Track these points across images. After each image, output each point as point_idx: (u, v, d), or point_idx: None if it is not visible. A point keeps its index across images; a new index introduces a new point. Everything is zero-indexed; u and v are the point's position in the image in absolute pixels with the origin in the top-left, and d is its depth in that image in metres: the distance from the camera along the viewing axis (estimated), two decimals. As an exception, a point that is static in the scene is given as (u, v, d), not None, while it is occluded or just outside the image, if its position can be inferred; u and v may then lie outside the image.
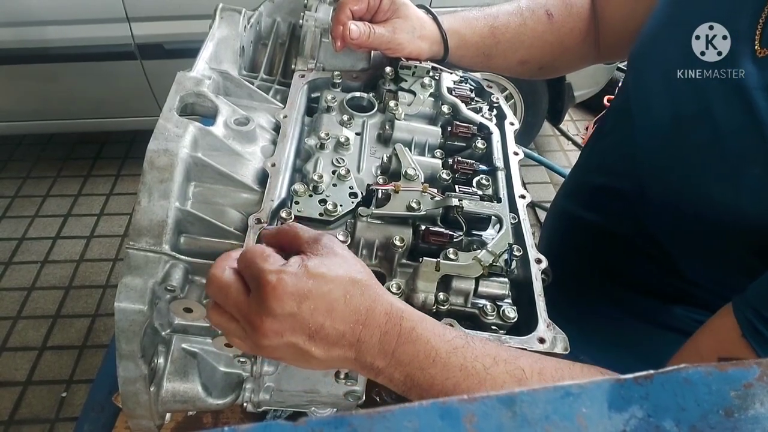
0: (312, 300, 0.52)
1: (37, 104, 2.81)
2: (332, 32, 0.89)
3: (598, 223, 0.95)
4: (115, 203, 3.06)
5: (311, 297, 0.52)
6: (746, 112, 0.69)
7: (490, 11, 1.00)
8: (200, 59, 0.84)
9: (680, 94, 0.77)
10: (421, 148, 0.85)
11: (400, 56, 0.93)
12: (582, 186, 1.03)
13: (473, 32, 0.98)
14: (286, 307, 0.51)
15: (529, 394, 0.29)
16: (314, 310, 0.52)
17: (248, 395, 0.79)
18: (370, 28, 0.88)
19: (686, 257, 0.81)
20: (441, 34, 0.94)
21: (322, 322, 0.52)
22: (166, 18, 2.50)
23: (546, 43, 1.01)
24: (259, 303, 0.52)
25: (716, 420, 0.29)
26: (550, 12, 1.00)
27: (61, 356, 2.36)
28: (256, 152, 0.77)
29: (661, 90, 0.81)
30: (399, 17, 0.92)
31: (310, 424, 0.27)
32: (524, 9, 1.00)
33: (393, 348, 0.54)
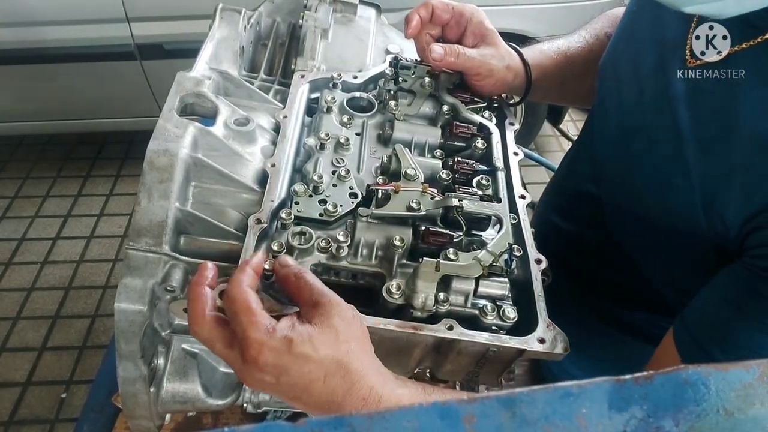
0: (290, 377, 0.53)
1: (37, 104, 2.81)
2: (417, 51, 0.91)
3: (569, 230, 0.97)
4: (114, 204, 3.06)
5: (290, 374, 0.53)
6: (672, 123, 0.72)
7: (559, 42, 1.01)
8: (200, 59, 0.84)
9: (627, 104, 0.81)
10: (421, 149, 0.85)
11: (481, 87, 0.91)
12: (558, 192, 1.05)
13: (550, 61, 0.98)
14: (265, 378, 0.53)
15: (529, 394, 0.29)
16: (292, 386, 0.54)
17: (248, 396, 0.79)
18: (459, 49, 0.87)
19: (647, 263, 0.83)
20: (524, 67, 0.93)
21: (298, 395, 0.55)
22: (166, 18, 2.49)
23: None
24: (241, 362, 0.54)
25: (716, 420, 0.29)
26: (609, 34, 1.00)
27: (60, 357, 2.36)
28: (256, 152, 0.77)
29: (615, 101, 0.84)
30: (488, 44, 0.90)
31: (309, 425, 0.27)
32: (588, 37, 1.01)
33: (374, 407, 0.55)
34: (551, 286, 0.70)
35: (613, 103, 0.84)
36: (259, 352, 0.52)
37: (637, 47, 0.80)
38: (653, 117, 0.76)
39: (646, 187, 0.77)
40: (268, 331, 0.53)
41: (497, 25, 0.93)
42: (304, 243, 0.67)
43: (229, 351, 0.55)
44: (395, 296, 0.65)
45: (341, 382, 0.54)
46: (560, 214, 1.00)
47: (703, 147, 0.69)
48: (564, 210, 1.00)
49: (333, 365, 0.54)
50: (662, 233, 0.74)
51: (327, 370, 0.54)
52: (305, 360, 0.53)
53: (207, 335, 0.55)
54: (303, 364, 0.53)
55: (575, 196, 0.97)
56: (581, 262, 0.95)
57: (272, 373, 0.53)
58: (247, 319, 0.53)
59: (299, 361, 0.53)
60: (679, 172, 0.70)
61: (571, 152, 1.07)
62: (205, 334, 0.56)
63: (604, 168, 0.87)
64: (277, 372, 0.53)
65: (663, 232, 0.74)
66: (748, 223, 0.64)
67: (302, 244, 0.67)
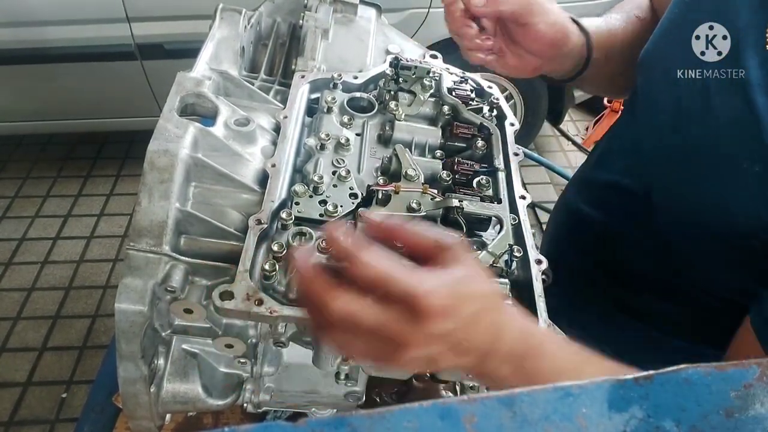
0: (457, 317, 0.51)
1: (37, 104, 2.81)
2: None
3: (603, 222, 0.94)
4: (115, 204, 3.06)
5: (456, 315, 0.51)
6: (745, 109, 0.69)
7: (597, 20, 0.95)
8: (200, 59, 0.84)
9: (682, 94, 0.77)
10: (421, 149, 0.85)
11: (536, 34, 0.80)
12: (589, 183, 1.02)
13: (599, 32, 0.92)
14: (439, 327, 0.50)
15: (529, 394, 0.29)
16: (460, 328, 0.52)
17: (248, 396, 0.79)
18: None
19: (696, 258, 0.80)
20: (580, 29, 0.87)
21: (464, 337, 0.52)
22: (166, 18, 2.50)
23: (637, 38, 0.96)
24: (407, 322, 0.49)
25: (716, 420, 0.29)
26: (638, 16, 0.97)
27: (61, 357, 2.36)
28: (257, 153, 0.77)
29: (664, 89, 0.80)
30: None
31: (310, 425, 0.27)
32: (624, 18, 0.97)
33: (520, 361, 0.55)
34: (575, 277, 0.69)
35: (666, 90, 0.80)
36: (433, 300, 0.49)
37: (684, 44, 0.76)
38: (721, 102, 0.71)
39: (708, 178, 0.73)
40: (428, 278, 0.50)
41: None
42: (305, 243, 0.67)
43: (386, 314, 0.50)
44: (395, 296, 0.65)
45: (497, 315, 0.55)
46: (591, 205, 0.97)
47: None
48: (594, 200, 0.97)
49: (490, 298, 0.55)
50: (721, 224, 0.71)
51: (484, 304, 0.54)
52: (468, 298, 0.52)
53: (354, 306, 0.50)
54: (467, 301, 0.52)
55: (610, 188, 0.93)
56: (614, 253, 0.93)
57: (446, 318, 0.50)
58: (402, 273, 0.50)
59: (463, 299, 0.51)
60: (758, 159, 0.67)
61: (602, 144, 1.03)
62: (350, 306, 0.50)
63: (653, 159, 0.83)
64: (445, 317, 0.50)
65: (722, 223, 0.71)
66: None
67: (303, 245, 0.67)
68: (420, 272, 0.51)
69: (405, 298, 0.49)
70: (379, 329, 0.50)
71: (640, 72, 0.88)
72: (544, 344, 0.57)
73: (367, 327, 0.50)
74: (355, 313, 0.50)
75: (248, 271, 0.63)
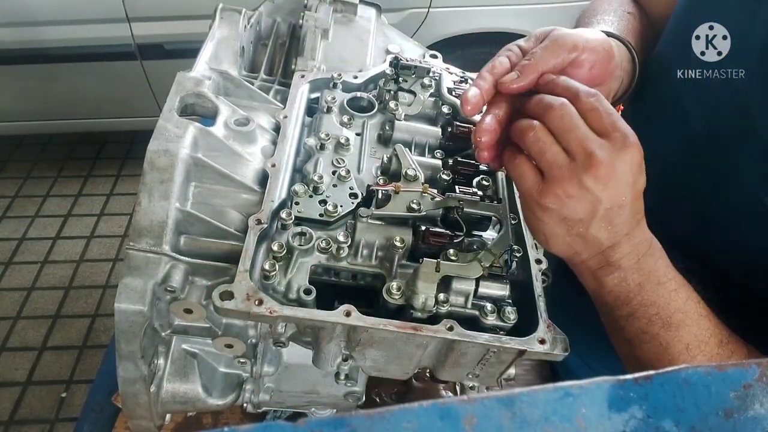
0: (617, 188, 0.56)
1: (37, 104, 2.81)
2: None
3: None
4: (115, 203, 3.06)
5: (617, 186, 0.56)
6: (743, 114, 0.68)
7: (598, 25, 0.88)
8: (200, 59, 0.84)
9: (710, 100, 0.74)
10: (422, 149, 0.85)
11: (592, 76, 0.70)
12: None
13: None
14: (596, 188, 0.56)
15: (529, 394, 0.29)
16: (612, 197, 0.56)
17: (248, 396, 0.79)
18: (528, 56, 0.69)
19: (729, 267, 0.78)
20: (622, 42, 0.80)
21: (611, 206, 0.57)
22: (166, 18, 2.49)
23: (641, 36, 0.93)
24: (578, 169, 0.56)
25: (716, 421, 0.29)
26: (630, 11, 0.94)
27: (60, 356, 2.36)
28: (257, 153, 0.77)
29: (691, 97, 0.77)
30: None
31: (309, 425, 0.27)
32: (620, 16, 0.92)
33: (642, 254, 0.61)
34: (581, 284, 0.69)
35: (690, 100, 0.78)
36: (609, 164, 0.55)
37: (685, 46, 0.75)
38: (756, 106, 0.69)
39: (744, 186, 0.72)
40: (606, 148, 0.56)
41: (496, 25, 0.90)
42: (305, 243, 0.67)
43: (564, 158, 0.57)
44: (395, 297, 0.65)
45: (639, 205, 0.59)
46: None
47: None
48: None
49: (641, 183, 0.58)
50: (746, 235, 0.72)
51: (638, 189, 0.58)
52: (628, 175, 0.57)
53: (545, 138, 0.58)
54: (628, 177, 0.57)
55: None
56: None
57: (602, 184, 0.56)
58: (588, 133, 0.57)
59: (624, 175, 0.57)
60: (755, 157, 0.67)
61: None
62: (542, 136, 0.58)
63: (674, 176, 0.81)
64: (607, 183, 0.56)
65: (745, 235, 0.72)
66: None
67: (302, 245, 0.67)
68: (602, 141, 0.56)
69: (583, 146, 0.56)
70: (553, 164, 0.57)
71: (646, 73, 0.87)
72: (660, 248, 0.63)
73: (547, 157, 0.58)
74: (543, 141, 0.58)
75: (248, 271, 0.63)
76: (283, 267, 0.66)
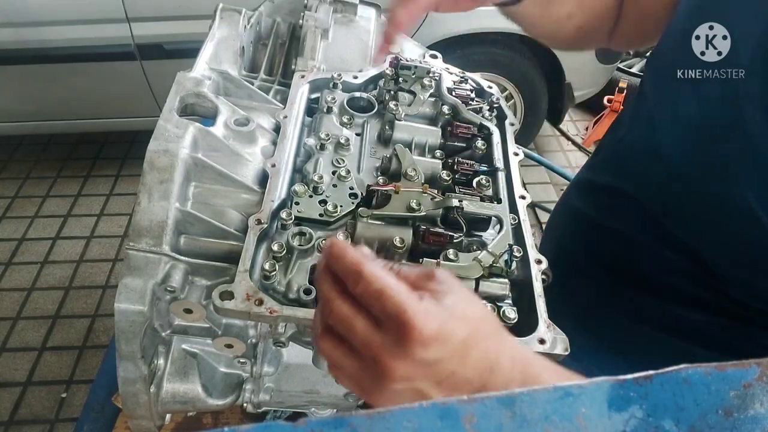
0: (452, 346, 0.47)
1: (37, 105, 2.81)
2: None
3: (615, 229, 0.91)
4: (115, 203, 3.06)
5: (452, 342, 0.47)
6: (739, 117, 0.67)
7: None
8: (200, 59, 0.84)
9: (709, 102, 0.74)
10: (421, 149, 0.85)
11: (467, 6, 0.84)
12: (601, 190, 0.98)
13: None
14: (429, 354, 0.46)
15: (529, 394, 0.29)
16: (451, 357, 0.47)
17: (248, 396, 0.79)
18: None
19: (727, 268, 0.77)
20: None
21: (455, 369, 0.48)
22: (166, 18, 2.50)
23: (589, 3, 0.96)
24: (396, 344, 0.46)
25: (715, 420, 0.29)
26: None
27: (61, 357, 2.36)
28: (256, 153, 0.77)
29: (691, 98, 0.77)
30: None
31: (309, 425, 0.27)
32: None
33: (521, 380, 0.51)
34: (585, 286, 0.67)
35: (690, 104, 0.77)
36: (425, 322, 0.45)
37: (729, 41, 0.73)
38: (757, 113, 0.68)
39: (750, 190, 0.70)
40: (423, 298, 0.47)
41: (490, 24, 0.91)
42: (305, 243, 0.67)
43: (376, 332, 0.47)
44: (395, 296, 0.65)
45: (491, 343, 0.50)
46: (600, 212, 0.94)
47: None
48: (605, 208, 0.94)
49: (483, 323, 0.50)
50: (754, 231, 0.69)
51: (479, 329, 0.49)
52: (463, 322, 0.48)
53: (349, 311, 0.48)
54: (462, 326, 0.48)
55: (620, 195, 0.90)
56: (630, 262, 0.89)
57: (437, 345, 0.46)
58: (399, 291, 0.47)
59: (459, 324, 0.47)
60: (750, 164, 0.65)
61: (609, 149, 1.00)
62: (346, 311, 0.48)
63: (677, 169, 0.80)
64: (440, 342, 0.46)
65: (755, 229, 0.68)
66: None
67: (302, 245, 0.67)
68: (416, 294, 0.48)
69: (398, 314, 0.46)
70: (367, 345, 0.48)
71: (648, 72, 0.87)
72: (542, 376, 0.52)
73: (358, 339, 0.48)
74: (349, 318, 0.49)
75: (248, 271, 0.63)
76: (283, 267, 0.66)
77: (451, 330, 0.47)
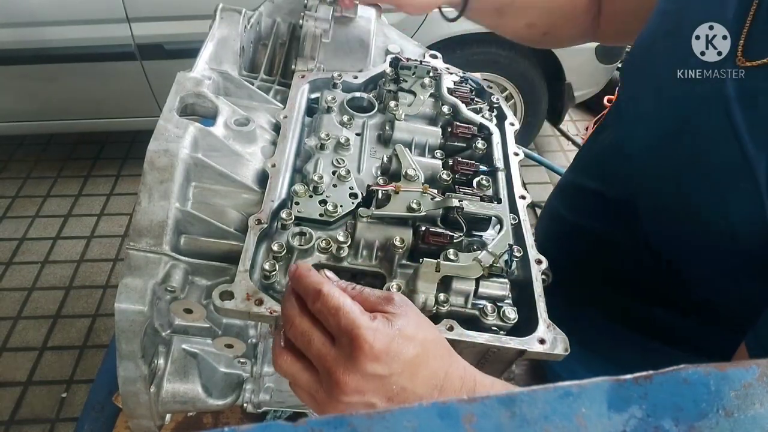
0: (401, 362, 0.51)
1: (37, 105, 2.82)
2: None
3: (593, 231, 0.93)
4: (115, 203, 3.06)
5: (401, 359, 0.51)
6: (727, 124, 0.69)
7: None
8: (200, 59, 0.84)
9: (669, 106, 0.77)
10: (422, 149, 0.85)
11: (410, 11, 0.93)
12: (576, 190, 1.01)
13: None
14: (378, 368, 0.50)
15: (529, 394, 0.29)
16: (401, 374, 0.51)
17: (248, 396, 0.79)
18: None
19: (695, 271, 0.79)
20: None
21: (404, 385, 0.51)
22: (166, 18, 2.50)
23: (556, 7, 1.00)
24: (348, 358, 0.50)
25: (715, 420, 0.29)
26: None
27: (61, 356, 2.36)
28: (257, 153, 0.77)
29: (650, 100, 0.80)
30: None
31: (310, 425, 0.27)
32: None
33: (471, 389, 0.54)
34: (559, 283, 0.69)
35: (652, 103, 0.80)
36: (375, 338, 0.49)
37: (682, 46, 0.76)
38: (705, 118, 0.71)
39: (699, 192, 0.73)
40: (374, 319, 0.51)
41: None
42: (305, 243, 0.67)
43: (330, 348, 0.51)
44: (395, 296, 0.65)
45: (441, 363, 0.53)
46: (579, 214, 0.97)
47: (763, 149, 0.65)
48: (579, 207, 0.97)
49: (433, 345, 0.53)
50: (717, 237, 0.71)
51: (429, 351, 0.53)
52: (413, 342, 0.51)
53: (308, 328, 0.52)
54: (412, 346, 0.51)
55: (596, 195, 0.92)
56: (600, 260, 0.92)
57: (385, 361, 0.50)
58: (353, 309, 0.51)
59: (409, 343, 0.51)
60: (743, 176, 0.66)
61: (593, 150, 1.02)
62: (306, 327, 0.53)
63: (640, 170, 0.83)
64: (390, 359, 0.50)
65: (718, 236, 0.70)
66: None
67: (302, 245, 0.67)
68: (370, 314, 0.52)
69: (350, 330, 0.50)
70: (322, 358, 0.51)
71: (625, 80, 0.88)
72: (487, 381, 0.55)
73: (314, 352, 0.52)
74: (307, 333, 0.52)
75: (248, 271, 0.63)
76: (283, 267, 0.67)
77: (400, 348, 0.50)
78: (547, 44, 1.14)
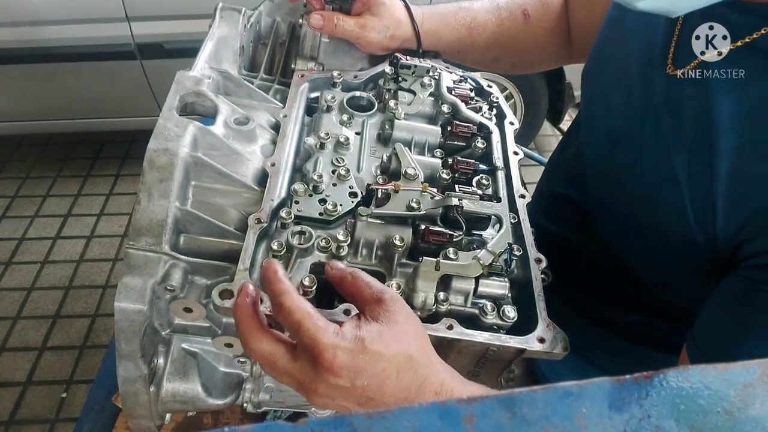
0: (365, 377, 0.52)
1: (37, 104, 2.81)
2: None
3: (556, 232, 0.95)
4: (115, 203, 3.06)
5: (365, 374, 0.52)
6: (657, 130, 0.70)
7: (468, 9, 0.99)
8: (200, 59, 0.84)
9: (615, 112, 0.79)
10: (421, 148, 0.85)
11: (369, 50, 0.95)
12: (547, 194, 1.03)
13: (450, 32, 0.97)
14: (340, 382, 0.51)
15: (529, 394, 0.29)
16: (366, 387, 0.52)
17: (248, 395, 0.79)
18: (337, 19, 0.89)
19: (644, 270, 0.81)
20: (415, 33, 0.94)
21: (371, 396, 0.52)
22: (166, 18, 2.49)
23: (520, 43, 1.01)
24: (312, 371, 0.52)
25: (716, 420, 0.29)
26: (527, 12, 0.99)
27: (61, 356, 2.36)
28: (256, 152, 0.77)
29: (602, 107, 0.82)
30: (373, 14, 0.91)
31: (310, 425, 0.27)
32: (502, 8, 1.00)
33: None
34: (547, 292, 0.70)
35: (601, 111, 0.83)
36: (334, 355, 0.50)
37: (626, 54, 0.78)
38: (640, 124, 0.74)
39: (636, 197, 0.75)
40: (338, 333, 0.52)
41: None
42: (304, 242, 0.67)
43: (294, 363, 0.53)
44: (395, 296, 0.65)
45: (414, 377, 0.53)
46: (546, 217, 0.98)
47: (686, 154, 0.67)
48: (549, 212, 0.98)
49: (405, 361, 0.53)
50: (656, 242, 0.73)
51: (399, 366, 0.53)
52: (379, 357, 0.52)
53: (269, 349, 0.54)
54: (377, 362, 0.52)
55: (563, 200, 0.95)
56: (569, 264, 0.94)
57: (347, 376, 0.51)
58: (314, 324, 0.52)
59: (374, 359, 0.52)
60: (668, 181, 0.69)
61: (555, 155, 1.06)
62: (266, 349, 0.54)
63: (593, 176, 0.85)
64: (352, 374, 0.51)
65: (657, 241, 0.72)
66: (738, 234, 0.63)
67: (302, 244, 0.67)
68: (332, 325, 0.53)
69: (312, 347, 0.51)
70: (289, 374, 0.54)
71: (584, 88, 0.89)
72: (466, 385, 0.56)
73: (280, 370, 0.54)
74: (269, 356, 0.54)
75: (248, 269, 0.63)
76: (282, 266, 0.66)
77: (364, 364, 0.51)
78: (520, 72, 1.16)
